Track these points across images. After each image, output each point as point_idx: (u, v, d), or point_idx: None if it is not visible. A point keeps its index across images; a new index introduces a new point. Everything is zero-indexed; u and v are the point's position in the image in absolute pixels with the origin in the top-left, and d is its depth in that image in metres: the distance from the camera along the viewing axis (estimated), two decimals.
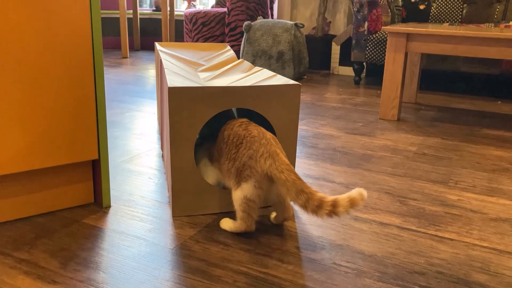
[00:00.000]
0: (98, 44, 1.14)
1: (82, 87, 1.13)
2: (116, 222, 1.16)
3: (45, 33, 1.06)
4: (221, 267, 0.97)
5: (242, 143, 1.08)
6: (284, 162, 1.03)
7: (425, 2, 3.25)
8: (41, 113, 1.09)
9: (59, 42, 1.08)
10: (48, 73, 1.08)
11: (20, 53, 1.03)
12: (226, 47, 1.89)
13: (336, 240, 1.11)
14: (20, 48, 1.03)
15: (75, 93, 1.13)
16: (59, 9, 1.06)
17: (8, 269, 0.94)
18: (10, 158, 1.06)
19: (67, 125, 1.13)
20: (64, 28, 1.08)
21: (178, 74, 1.28)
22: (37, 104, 1.08)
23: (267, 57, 3.26)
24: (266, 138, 1.07)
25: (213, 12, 3.90)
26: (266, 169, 1.03)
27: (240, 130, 1.11)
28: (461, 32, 2.05)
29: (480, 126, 2.24)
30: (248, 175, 1.05)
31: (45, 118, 1.10)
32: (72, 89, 1.12)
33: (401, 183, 1.47)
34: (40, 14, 1.04)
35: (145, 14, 5.08)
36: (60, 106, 1.11)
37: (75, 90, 1.13)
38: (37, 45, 1.05)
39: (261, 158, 1.04)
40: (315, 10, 4.01)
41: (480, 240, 1.13)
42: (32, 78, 1.06)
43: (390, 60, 2.25)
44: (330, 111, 2.47)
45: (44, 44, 1.06)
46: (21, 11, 1.01)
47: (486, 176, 1.56)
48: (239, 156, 1.07)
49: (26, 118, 1.07)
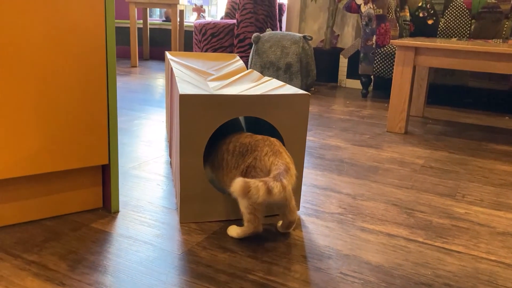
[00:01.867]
0: (111, 53, 1.16)
1: (95, 94, 1.15)
2: (124, 227, 1.17)
3: (60, 40, 1.08)
4: (227, 274, 0.98)
5: (248, 149, 1.11)
6: (285, 159, 1.05)
7: (433, 17, 3.27)
8: (55, 117, 1.11)
9: (74, 50, 1.10)
10: (63, 79, 1.10)
11: (36, 60, 1.05)
12: (235, 57, 1.91)
13: (343, 250, 1.11)
14: (35, 55, 1.05)
15: (88, 100, 1.14)
16: (75, 18, 1.09)
17: (17, 270, 0.95)
18: (22, 161, 1.08)
19: (79, 130, 1.15)
20: (79, 36, 1.10)
21: (189, 82, 1.30)
22: (50, 109, 1.10)
23: (275, 68, 3.28)
24: (270, 140, 1.12)
25: (223, 24, 3.94)
26: (269, 166, 1.05)
27: (246, 139, 1.15)
28: (469, 46, 2.06)
29: (487, 141, 2.24)
30: (253, 176, 1.06)
31: (58, 122, 1.11)
32: (85, 95, 1.14)
33: (408, 195, 1.47)
34: (56, 23, 1.06)
35: (155, 24, 5.14)
36: (73, 111, 1.13)
37: (88, 97, 1.14)
38: (52, 52, 1.07)
39: (265, 157, 1.06)
40: (323, 23, 4.04)
41: (487, 253, 1.13)
42: (46, 84, 1.08)
43: (398, 74, 2.26)
44: (337, 123, 2.48)
45: (59, 51, 1.08)
46: (37, 20, 1.04)
47: (493, 190, 1.56)
48: (245, 160, 1.10)
49: (40, 122, 1.09)
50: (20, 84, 1.05)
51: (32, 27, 1.04)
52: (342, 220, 1.27)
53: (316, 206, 1.36)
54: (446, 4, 3.23)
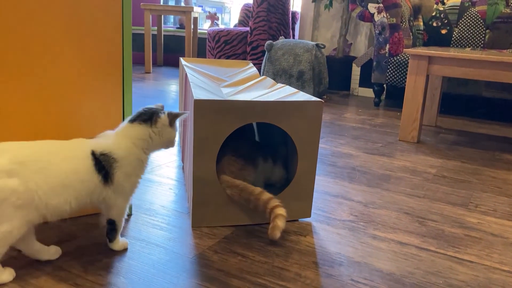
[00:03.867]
0: (128, 59, 1.18)
1: (111, 99, 1.17)
2: (137, 230, 1.18)
3: (79, 45, 1.10)
4: (239, 278, 0.98)
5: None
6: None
7: (447, 27, 3.27)
8: (70, 121, 1.13)
9: (91, 55, 1.12)
10: (80, 83, 1.12)
11: (54, 64, 1.08)
12: (248, 64, 1.93)
13: (354, 257, 1.11)
14: (55, 60, 1.07)
15: (103, 104, 1.16)
16: (93, 24, 1.11)
17: (32, 270, 0.96)
18: None
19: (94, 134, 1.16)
20: (96, 42, 1.12)
21: (203, 88, 1.31)
22: (66, 113, 1.12)
23: (288, 76, 3.30)
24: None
25: (236, 31, 3.97)
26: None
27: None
28: (483, 56, 2.06)
29: (500, 151, 2.22)
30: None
31: (73, 127, 1.13)
32: (101, 100, 1.16)
33: (420, 204, 1.47)
34: (75, 28, 1.09)
35: (169, 31, 5.19)
36: (88, 115, 1.15)
37: (104, 101, 1.16)
38: (70, 57, 1.09)
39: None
40: (336, 32, 4.05)
41: (500, 263, 1.12)
42: (63, 88, 1.10)
43: (411, 83, 2.26)
44: (349, 130, 2.48)
45: (77, 56, 1.10)
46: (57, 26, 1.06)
47: (507, 201, 1.54)
48: None
49: (55, 126, 1.11)
50: (37, 89, 1.07)
51: (52, 33, 1.06)
52: (353, 227, 1.27)
53: (327, 213, 1.36)
54: (460, 14, 3.22)
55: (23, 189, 0.86)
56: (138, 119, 1.03)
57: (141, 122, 1.03)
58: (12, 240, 0.88)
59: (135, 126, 1.02)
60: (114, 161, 0.97)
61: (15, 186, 0.85)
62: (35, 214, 0.89)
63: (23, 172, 0.86)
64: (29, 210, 0.87)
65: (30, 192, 0.87)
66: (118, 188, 0.99)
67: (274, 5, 3.77)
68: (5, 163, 0.85)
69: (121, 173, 0.98)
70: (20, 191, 0.85)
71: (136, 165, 1.02)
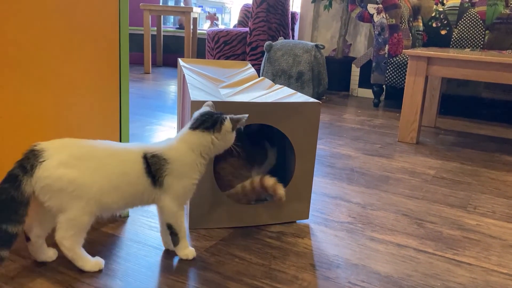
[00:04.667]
0: (125, 59, 1.18)
1: (107, 99, 1.17)
2: (134, 231, 1.17)
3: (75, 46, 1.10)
4: (236, 281, 0.98)
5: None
6: None
7: (447, 28, 3.26)
8: (67, 121, 1.12)
9: (88, 55, 1.12)
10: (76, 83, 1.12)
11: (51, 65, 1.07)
12: (247, 65, 1.92)
13: (352, 259, 1.10)
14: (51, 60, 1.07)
15: (100, 105, 1.16)
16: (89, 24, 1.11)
17: (28, 272, 0.96)
18: None
19: (91, 135, 1.16)
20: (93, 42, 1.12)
21: (201, 89, 1.31)
22: (63, 113, 1.11)
23: (287, 76, 3.29)
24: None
25: (235, 32, 3.97)
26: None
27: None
28: (482, 57, 2.05)
29: (500, 153, 2.21)
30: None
31: (70, 127, 1.13)
32: (98, 100, 1.15)
33: (418, 206, 1.46)
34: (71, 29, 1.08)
35: (169, 31, 5.19)
36: (85, 116, 1.14)
37: (101, 102, 1.16)
38: (67, 58, 1.09)
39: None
40: (336, 33, 4.05)
41: (499, 266, 1.11)
42: (60, 88, 1.10)
43: (410, 84, 2.25)
44: (348, 131, 2.48)
45: (73, 56, 1.10)
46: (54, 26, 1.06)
47: (506, 203, 1.54)
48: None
49: (52, 126, 1.10)
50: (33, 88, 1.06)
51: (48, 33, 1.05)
52: (351, 229, 1.27)
53: (325, 215, 1.35)
54: (459, 15, 3.22)
55: (80, 182, 0.91)
56: (201, 127, 1.02)
57: (203, 130, 1.02)
58: (79, 228, 0.93)
59: (197, 133, 1.02)
60: (165, 163, 0.99)
61: (73, 177, 0.91)
62: (93, 207, 0.93)
63: (80, 167, 0.92)
64: (86, 202, 0.92)
65: (86, 186, 0.92)
66: (169, 190, 1.00)
67: (274, 5, 3.76)
68: (64, 157, 0.91)
69: (172, 175, 0.99)
70: (77, 183, 0.91)
71: (189, 168, 1.02)
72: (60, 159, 0.91)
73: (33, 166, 0.89)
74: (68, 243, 0.93)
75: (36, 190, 0.89)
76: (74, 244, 0.94)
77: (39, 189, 0.89)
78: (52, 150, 0.91)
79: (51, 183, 0.89)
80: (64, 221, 0.92)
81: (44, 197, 0.90)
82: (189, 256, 1.05)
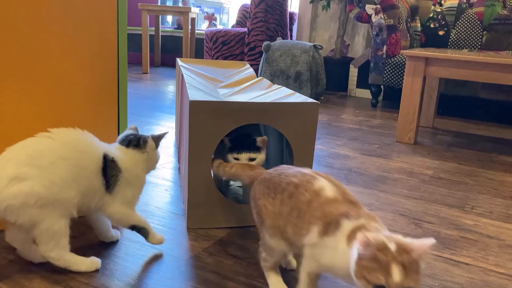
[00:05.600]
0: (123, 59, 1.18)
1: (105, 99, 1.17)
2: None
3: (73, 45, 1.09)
4: (234, 280, 0.98)
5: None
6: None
7: (445, 28, 3.27)
8: (65, 120, 1.12)
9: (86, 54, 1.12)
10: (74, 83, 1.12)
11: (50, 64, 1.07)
12: (245, 65, 1.93)
13: None
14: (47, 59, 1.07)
15: (98, 104, 1.16)
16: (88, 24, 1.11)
17: (26, 272, 0.96)
18: None
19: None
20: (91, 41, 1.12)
21: (199, 89, 1.31)
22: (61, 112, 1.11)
23: (285, 77, 3.29)
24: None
25: (234, 32, 3.97)
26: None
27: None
28: (480, 58, 2.06)
29: (497, 153, 2.22)
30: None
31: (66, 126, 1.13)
32: (96, 100, 1.15)
33: (416, 206, 1.47)
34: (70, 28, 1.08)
35: (167, 31, 5.19)
36: (83, 115, 1.14)
37: (99, 102, 1.16)
38: (65, 57, 1.09)
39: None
40: (334, 33, 4.05)
41: (496, 266, 1.12)
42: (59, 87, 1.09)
43: (408, 84, 2.26)
44: (346, 132, 2.48)
45: (72, 56, 1.10)
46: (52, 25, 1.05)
47: (503, 203, 1.54)
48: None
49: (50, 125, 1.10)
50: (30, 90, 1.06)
51: (46, 33, 1.05)
52: None
53: None
54: (457, 15, 3.23)
55: (37, 189, 0.87)
56: (130, 146, 1.07)
57: (134, 148, 1.07)
58: (59, 235, 0.91)
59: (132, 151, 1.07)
60: (119, 171, 1.01)
61: (29, 189, 0.86)
62: (61, 208, 0.91)
63: (32, 173, 0.87)
64: (53, 207, 0.89)
65: (45, 191, 0.88)
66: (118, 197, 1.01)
67: (272, 6, 3.77)
68: (11, 171, 0.86)
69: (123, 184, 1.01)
70: (35, 192, 0.87)
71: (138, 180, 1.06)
72: (8, 175, 0.85)
73: None
74: (54, 254, 0.92)
75: (1, 213, 0.86)
76: (60, 253, 0.93)
77: (3, 211, 0.86)
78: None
79: (10, 203, 0.85)
80: (41, 234, 0.90)
81: (12, 217, 0.87)
82: (162, 240, 1.09)
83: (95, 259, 0.99)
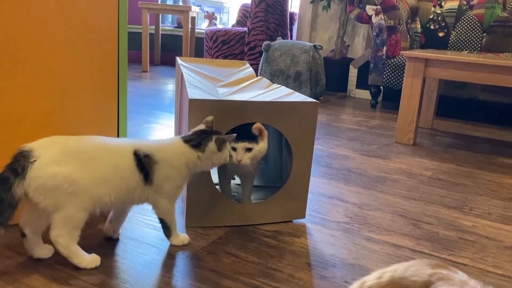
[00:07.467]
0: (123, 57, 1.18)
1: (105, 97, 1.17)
2: (131, 229, 1.17)
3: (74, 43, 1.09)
4: (232, 279, 0.98)
5: None
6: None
7: (445, 30, 3.27)
8: (65, 119, 1.12)
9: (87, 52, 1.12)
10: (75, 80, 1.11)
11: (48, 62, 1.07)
12: (245, 64, 1.92)
13: (348, 259, 1.10)
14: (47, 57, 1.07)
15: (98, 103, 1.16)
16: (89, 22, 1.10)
17: (24, 268, 0.96)
18: None
19: (88, 131, 1.16)
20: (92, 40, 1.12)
21: (198, 87, 1.31)
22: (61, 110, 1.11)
23: (285, 77, 3.29)
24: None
25: (234, 31, 3.97)
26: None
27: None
28: (480, 59, 2.06)
29: (496, 155, 2.22)
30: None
31: (68, 125, 1.13)
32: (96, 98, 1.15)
33: (415, 207, 1.47)
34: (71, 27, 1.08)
35: (167, 30, 5.18)
36: (83, 114, 1.14)
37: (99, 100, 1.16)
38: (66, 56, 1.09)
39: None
40: (334, 33, 4.06)
41: (494, 267, 1.12)
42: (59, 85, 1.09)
43: (408, 85, 2.26)
44: (345, 132, 2.48)
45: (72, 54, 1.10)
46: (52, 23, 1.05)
47: (501, 204, 1.55)
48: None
49: (47, 122, 1.10)
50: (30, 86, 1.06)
51: (47, 31, 1.05)
52: (348, 229, 1.27)
53: (322, 215, 1.35)
54: (457, 17, 3.23)
55: (74, 176, 0.91)
56: (190, 143, 1.06)
57: (191, 147, 1.06)
58: (74, 225, 0.94)
59: (186, 147, 1.06)
60: (154, 163, 1.01)
61: (67, 173, 0.90)
62: (88, 202, 0.93)
63: (72, 162, 0.91)
64: (81, 198, 0.92)
65: (80, 180, 0.92)
66: (159, 189, 1.03)
67: (272, 5, 3.77)
68: (55, 154, 0.91)
69: (161, 176, 1.02)
70: (72, 178, 0.91)
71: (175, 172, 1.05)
72: (51, 156, 0.90)
73: (24, 168, 0.88)
74: (63, 240, 0.93)
75: (29, 192, 0.89)
76: (69, 242, 0.94)
77: (33, 190, 0.89)
78: (41, 149, 0.90)
79: (45, 182, 0.89)
80: (59, 219, 0.92)
81: (39, 197, 0.90)
82: (184, 241, 1.11)
83: (96, 257, 0.99)
